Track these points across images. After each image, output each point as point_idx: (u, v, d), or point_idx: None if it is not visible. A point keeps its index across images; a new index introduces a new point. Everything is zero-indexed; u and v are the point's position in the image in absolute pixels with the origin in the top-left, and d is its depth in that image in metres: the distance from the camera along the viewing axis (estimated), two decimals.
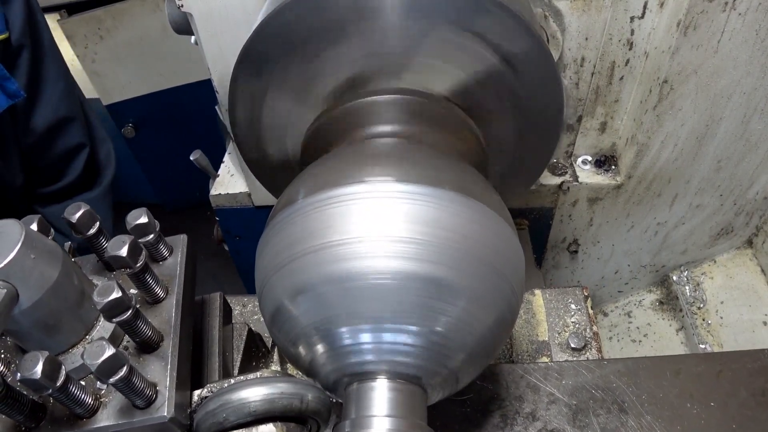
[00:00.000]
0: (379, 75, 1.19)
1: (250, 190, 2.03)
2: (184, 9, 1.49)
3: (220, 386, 0.90)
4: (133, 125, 3.90)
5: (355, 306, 0.87)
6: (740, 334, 2.09)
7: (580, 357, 1.38)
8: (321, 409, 0.89)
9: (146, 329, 0.86)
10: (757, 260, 2.22)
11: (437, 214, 0.90)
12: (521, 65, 1.15)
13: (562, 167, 1.97)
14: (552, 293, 1.50)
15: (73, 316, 0.87)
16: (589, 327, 1.42)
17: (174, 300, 0.95)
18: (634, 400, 1.16)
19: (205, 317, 1.12)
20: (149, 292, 0.93)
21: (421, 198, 0.91)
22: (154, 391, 0.83)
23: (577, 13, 1.56)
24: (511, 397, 1.20)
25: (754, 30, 1.49)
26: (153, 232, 0.97)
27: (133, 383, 0.78)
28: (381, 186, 0.92)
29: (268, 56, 1.17)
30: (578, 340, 1.39)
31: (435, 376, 0.92)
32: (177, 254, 1.03)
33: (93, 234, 0.94)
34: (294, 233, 0.94)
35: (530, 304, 1.49)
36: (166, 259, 1.02)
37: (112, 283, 0.78)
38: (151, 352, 0.89)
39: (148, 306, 0.95)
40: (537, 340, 1.42)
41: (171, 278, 0.98)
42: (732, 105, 1.68)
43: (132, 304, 0.81)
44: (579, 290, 1.50)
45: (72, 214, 0.91)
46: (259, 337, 1.28)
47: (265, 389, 0.84)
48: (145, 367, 0.87)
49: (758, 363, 1.21)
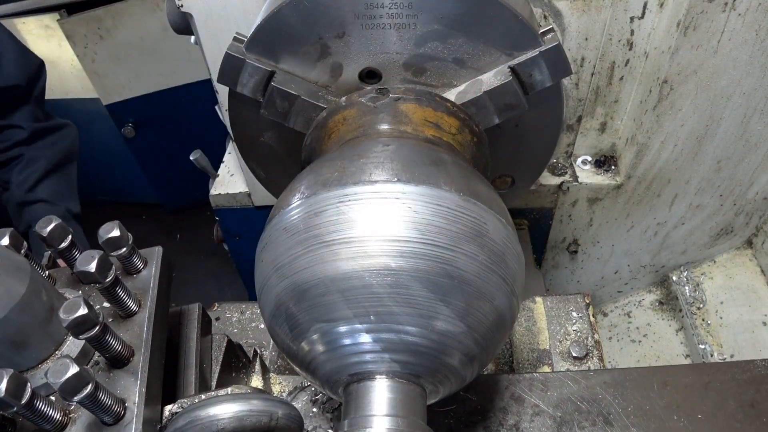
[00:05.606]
0: (386, 74, 1.20)
1: (250, 190, 2.03)
2: (184, 9, 1.49)
3: (191, 402, 0.89)
4: (133, 125, 3.91)
5: (355, 305, 0.87)
6: (740, 335, 2.09)
7: (582, 366, 1.36)
8: (292, 426, 0.89)
9: (116, 345, 0.85)
10: (757, 260, 2.22)
11: (437, 215, 0.90)
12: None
13: (562, 167, 1.98)
14: (553, 300, 1.48)
15: (41, 332, 0.86)
16: (591, 335, 1.40)
17: (146, 314, 0.94)
18: (620, 412, 1.14)
19: (182, 328, 1.11)
20: (121, 306, 0.92)
21: (422, 198, 0.91)
22: (122, 407, 0.82)
23: (577, 13, 1.56)
24: (495, 408, 1.17)
25: (754, 30, 1.49)
26: (125, 246, 0.96)
27: (100, 400, 0.78)
28: (381, 186, 0.93)
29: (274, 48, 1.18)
30: (580, 349, 1.37)
31: (435, 375, 0.92)
32: (151, 267, 1.01)
33: (65, 247, 0.93)
34: (294, 232, 0.94)
35: (531, 312, 1.47)
36: (140, 272, 1.01)
37: (79, 300, 0.78)
38: (122, 367, 0.88)
39: (121, 320, 0.94)
40: (538, 348, 1.40)
41: (144, 291, 0.97)
42: (732, 105, 1.68)
43: (99, 321, 0.80)
44: (580, 297, 1.47)
45: (43, 227, 0.91)
46: (239, 348, 1.26)
47: (235, 406, 0.84)
48: (115, 382, 0.86)
49: (748, 374, 1.18)
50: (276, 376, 1.31)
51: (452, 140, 1.20)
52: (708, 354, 2.08)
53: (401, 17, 1.12)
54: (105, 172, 4.49)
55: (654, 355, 2.29)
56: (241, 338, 1.45)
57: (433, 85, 1.22)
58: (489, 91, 1.17)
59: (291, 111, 1.21)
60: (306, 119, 1.23)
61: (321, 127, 1.23)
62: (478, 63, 1.18)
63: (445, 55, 1.17)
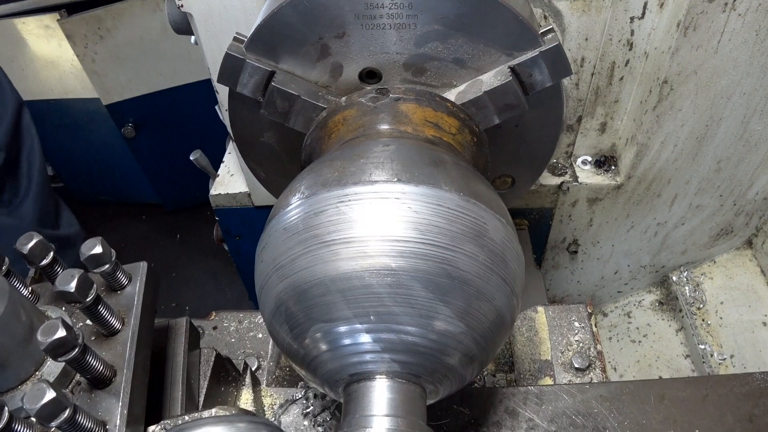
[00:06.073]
0: (386, 74, 1.20)
1: (250, 190, 2.03)
2: (184, 9, 1.49)
3: (174, 423, 0.88)
4: (133, 125, 3.91)
5: (355, 305, 0.87)
6: (740, 335, 2.09)
7: (584, 377, 1.34)
8: None
9: (97, 365, 0.83)
10: (757, 261, 2.22)
11: (437, 215, 0.90)
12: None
13: (562, 167, 1.98)
14: (555, 310, 1.45)
15: (21, 352, 0.84)
16: (593, 346, 1.38)
17: (130, 332, 0.92)
18: (616, 427, 1.12)
19: (169, 343, 1.08)
20: (103, 324, 0.90)
21: (422, 198, 0.91)
22: (103, 429, 0.81)
23: (577, 13, 1.56)
24: (488, 422, 1.16)
25: (754, 30, 1.49)
26: (108, 262, 0.93)
27: (79, 424, 0.76)
28: (382, 186, 0.93)
29: (275, 48, 1.18)
30: (582, 360, 1.34)
31: (434, 375, 0.92)
32: (136, 283, 0.99)
33: (47, 264, 0.91)
34: (294, 232, 0.94)
35: (533, 322, 1.44)
36: (125, 288, 0.98)
37: (57, 322, 0.76)
38: (104, 387, 0.86)
39: (103, 338, 0.92)
40: (539, 359, 1.37)
41: (128, 309, 0.95)
42: (732, 105, 1.68)
43: (78, 343, 0.78)
44: (582, 307, 1.45)
45: (24, 244, 0.89)
46: (228, 361, 1.24)
47: (219, 429, 0.82)
48: (97, 404, 0.84)
49: (746, 387, 1.15)
50: (267, 388, 1.29)
51: (452, 140, 1.20)
52: (708, 354, 2.08)
53: (401, 17, 1.12)
54: (105, 172, 4.49)
55: (654, 355, 2.29)
56: (238, 348, 1.43)
57: (433, 85, 1.22)
58: (489, 91, 1.17)
59: (291, 111, 1.21)
60: (306, 119, 1.23)
61: (321, 127, 1.23)
62: (478, 63, 1.18)
63: (445, 55, 1.17)
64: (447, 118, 1.20)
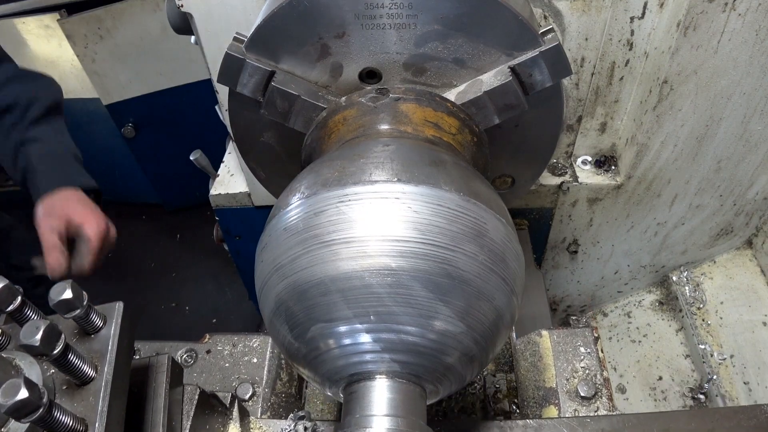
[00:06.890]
0: (386, 74, 1.20)
1: (250, 190, 2.03)
2: (184, 9, 1.49)
3: None
4: (133, 125, 3.90)
5: (355, 305, 0.87)
6: (740, 335, 2.10)
7: (591, 406, 1.28)
8: None
9: (66, 421, 0.77)
10: (757, 261, 2.22)
11: (437, 215, 0.90)
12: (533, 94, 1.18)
13: (562, 167, 1.98)
14: (560, 335, 1.40)
15: None
16: (600, 372, 1.32)
17: (103, 381, 0.85)
18: None
19: (149, 383, 1.00)
20: (74, 375, 0.84)
21: (422, 198, 0.91)
22: None
23: (577, 13, 1.56)
24: None
25: (754, 30, 1.49)
26: (80, 307, 0.87)
27: None
28: (382, 186, 0.93)
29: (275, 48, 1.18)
30: (588, 388, 1.29)
31: (434, 375, 0.92)
32: (111, 325, 0.92)
33: (15, 308, 0.85)
34: (294, 232, 0.94)
35: (537, 347, 1.39)
36: (99, 331, 0.91)
37: (18, 381, 0.70)
38: None
39: (75, 388, 0.86)
40: (544, 386, 1.32)
41: (102, 354, 0.88)
42: (732, 105, 1.68)
43: (43, 403, 0.72)
44: (588, 331, 1.40)
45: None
46: (214, 396, 1.17)
47: None
48: None
49: (753, 420, 1.09)
50: (257, 420, 1.24)
51: (452, 140, 1.20)
52: (708, 354, 2.08)
53: (401, 17, 1.12)
54: (105, 172, 4.48)
55: (654, 355, 2.29)
56: (232, 373, 1.38)
57: (433, 85, 1.22)
58: (489, 91, 1.17)
59: (291, 111, 1.22)
60: (306, 119, 1.23)
61: (321, 127, 1.23)
62: (478, 63, 1.18)
63: (445, 55, 1.17)
64: (447, 118, 1.20)
